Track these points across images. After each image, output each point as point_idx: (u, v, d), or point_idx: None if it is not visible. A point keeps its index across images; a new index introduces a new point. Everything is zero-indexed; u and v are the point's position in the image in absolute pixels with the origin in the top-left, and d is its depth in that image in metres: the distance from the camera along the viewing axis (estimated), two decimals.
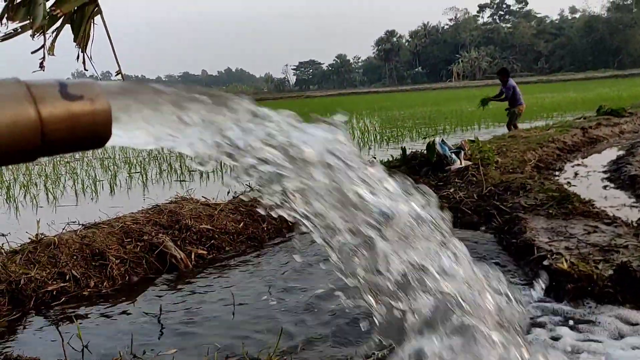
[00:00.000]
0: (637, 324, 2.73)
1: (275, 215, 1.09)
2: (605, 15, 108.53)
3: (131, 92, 0.82)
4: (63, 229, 4.44)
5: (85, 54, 2.97)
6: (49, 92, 0.71)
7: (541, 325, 2.85)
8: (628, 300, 2.89)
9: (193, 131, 0.87)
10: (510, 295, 1.44)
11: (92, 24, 2.94)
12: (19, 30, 2.69)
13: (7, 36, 2.67)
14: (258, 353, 2.57)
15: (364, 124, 17.82)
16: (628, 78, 58.03)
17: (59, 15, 2.82)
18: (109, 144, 0.77)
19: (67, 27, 2.99)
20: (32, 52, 2.79)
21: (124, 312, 3.47)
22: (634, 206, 5.28)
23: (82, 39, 2.91)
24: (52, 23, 2.92)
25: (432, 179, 6.77)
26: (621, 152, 8.62)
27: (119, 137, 0.78)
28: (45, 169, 10.60)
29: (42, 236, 4.13)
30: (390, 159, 7.71)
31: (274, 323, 3.08)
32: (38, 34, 3.08)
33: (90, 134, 0.74)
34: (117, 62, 3.26)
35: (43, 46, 2.83)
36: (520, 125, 12.41)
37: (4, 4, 2.56)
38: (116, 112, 0.76)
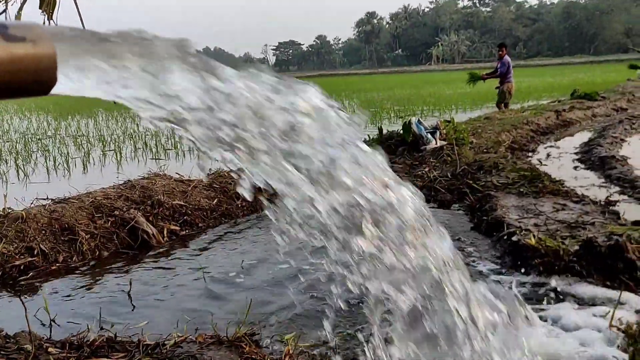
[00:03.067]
0: None
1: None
2: (583, 1, 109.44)
3: (81, 37, 0.79)
4: (31, 203, 4.36)
5: (50, 22, 2.89)
6: None
7: None
8: (591, 274, 2.95)
9: (142, 83, 0.85)
10: None
11: None
12: None
13: None
14: (227, 325, 2.57)
15: (343, 105, 17.78)
16: (603, 64, 58.82)
17: None
18: (54, 90, 0.75)
19: None
20: None
21: (93, 287, 3.44)
22: (602, 186, 5.38)
23: (47, 6, 2.83)
24: None
25: (408, 158, 6.81)
26: (593, 135, 8.76)
27: (65, 84, 0.76)
28: (16, 146, 10.38)
29: (10, 210, 4.05)
30: (367, 138, 7.71)
31: (244, 297, 3.08)
32: (2, 1, 2.99)
33: (33, 78, 0.72)
34: None
35: (5, 11, 2.75)
36: (496, 109, 12.52)
37: None
38: (62, 57, 0.74)
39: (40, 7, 2.85)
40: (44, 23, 2.82)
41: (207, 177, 5.38)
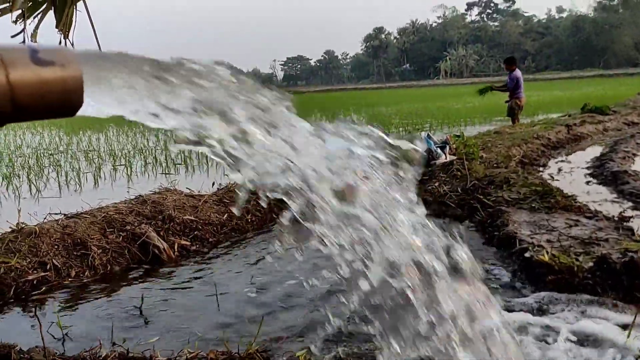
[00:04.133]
0: None
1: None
2: (592, 15, 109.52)
3: (107, 60, 0.81)
4: (44, 218, 4.39)
5: (67, 41, 2.94)
6: (19, 57, 0.70)
7: None
8: (606, 291, 2.92)
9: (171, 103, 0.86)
10: None
11: (75, 9, 2.91)
12: None
13: None
14: (239, 342, 2.56)
15: (351, 119, 17.80)
16: (613, 78, 58.64)
17: (40, 0, 2.79)
18: (80, 112, 0.76)
19: (50, 12, 2.96)
20: (12, 37, 2.76)
21: (105, 302, 3.44)
22: (615, 201, 5.34)
23: (64, 25, 2.87)
24: (34, 8, 2.89)
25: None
26: (604, 149, 8.71)
27: (91, 106, 0.77)
28: (28, 161, 10.47)
29: (23, 225, 4.08)
30: None
31: (256, 313, 3.08)
32: (20, 20, 3.04)
33: (61, 100, 0.74)
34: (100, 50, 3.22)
35: (23, 30, 2.80)
36: (506, 123, 12.51)
37: None
38: (89, 79, 0.75)
39: (57, 27, 2.90)
40: (60, 42, 2.87)
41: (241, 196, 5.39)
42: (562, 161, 8.21)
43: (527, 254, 3.50)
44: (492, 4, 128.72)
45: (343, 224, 1.26)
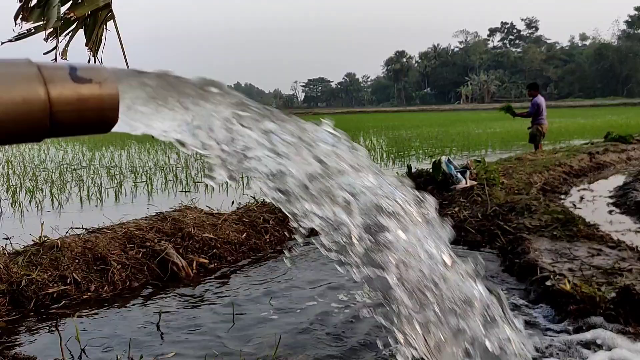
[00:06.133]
0: None
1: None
2: (616, 43, 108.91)
3: (142, 78, 0.83)
4: (66, 232, 4.45)
5: (96, 59, 3.01)
6: (59, 74, 0.73)
7: None
8: (630, 323, 2.86)
9: (198, 120, 0.88)
10: None
11: (104, 29, 2.99)
12: (33, 30, 2.74)
13: (21, 36, 2.71)
14: None
15: (371, 142, 17.87)
16: (637, 106, 57.93)
17: (72, 19, 2.87)
18: (115, 129, 0.78)
19: (80, 31, 3.04)
20: (45, 54, 2.84)
21: (123, 317, 3.46)
22: (638, 231, 5.24)
23: (93, 44, 2.94)
24: (65, 26, 2.97)
25: (437, 197, 6.76)
26: (628, 178, 8.58)
27: (125, 123, 0.80)
28: (51, 175, 10.66)
29: (45, 239, 4.14)
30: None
31: (272, 332, 3.06)
32: (51, 37, 3.12)
33: (97, 117, 0.76)
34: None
35: (55, 48, 2.87)
36: (527, 149, 12.42)
37: (19, 4, 2.61)
38: (124, 98, 0.78)
39: (86, 45, 2.97)
40: (89, 60, 2.94)
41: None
42: (584, 189, 8.10)
43: (548, 283, 3.45)
44: (514, 30, 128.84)
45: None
